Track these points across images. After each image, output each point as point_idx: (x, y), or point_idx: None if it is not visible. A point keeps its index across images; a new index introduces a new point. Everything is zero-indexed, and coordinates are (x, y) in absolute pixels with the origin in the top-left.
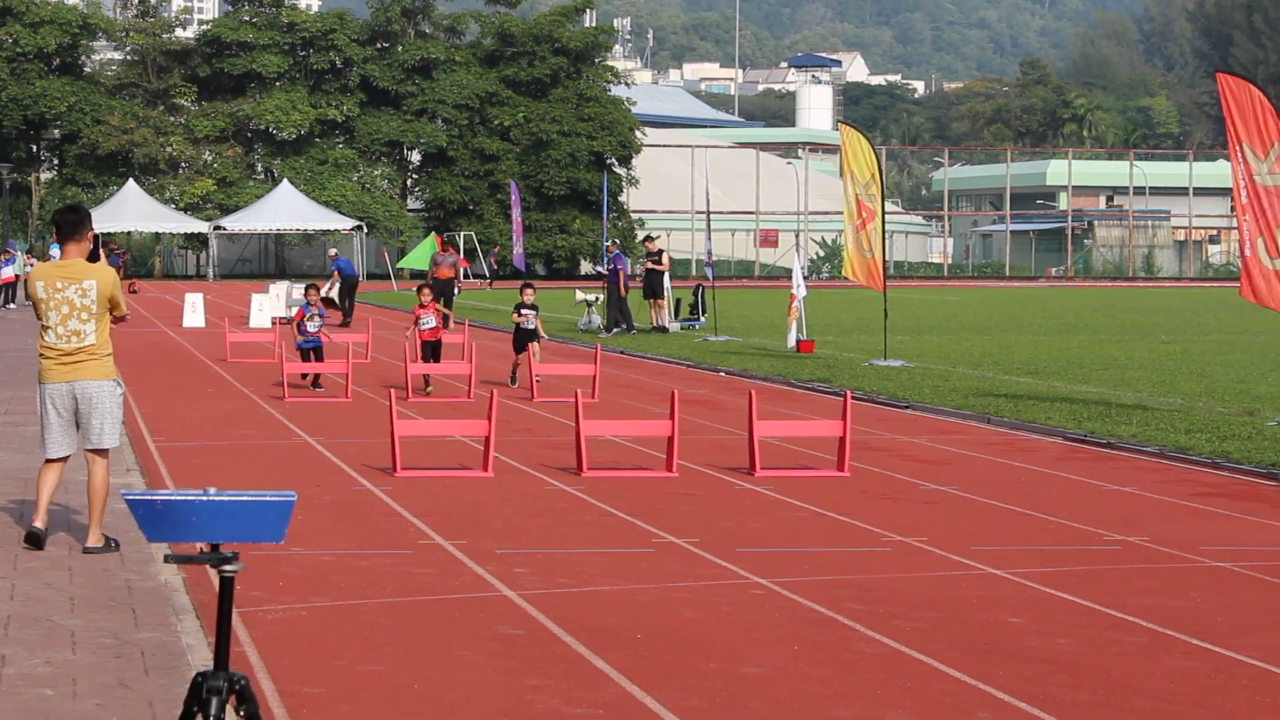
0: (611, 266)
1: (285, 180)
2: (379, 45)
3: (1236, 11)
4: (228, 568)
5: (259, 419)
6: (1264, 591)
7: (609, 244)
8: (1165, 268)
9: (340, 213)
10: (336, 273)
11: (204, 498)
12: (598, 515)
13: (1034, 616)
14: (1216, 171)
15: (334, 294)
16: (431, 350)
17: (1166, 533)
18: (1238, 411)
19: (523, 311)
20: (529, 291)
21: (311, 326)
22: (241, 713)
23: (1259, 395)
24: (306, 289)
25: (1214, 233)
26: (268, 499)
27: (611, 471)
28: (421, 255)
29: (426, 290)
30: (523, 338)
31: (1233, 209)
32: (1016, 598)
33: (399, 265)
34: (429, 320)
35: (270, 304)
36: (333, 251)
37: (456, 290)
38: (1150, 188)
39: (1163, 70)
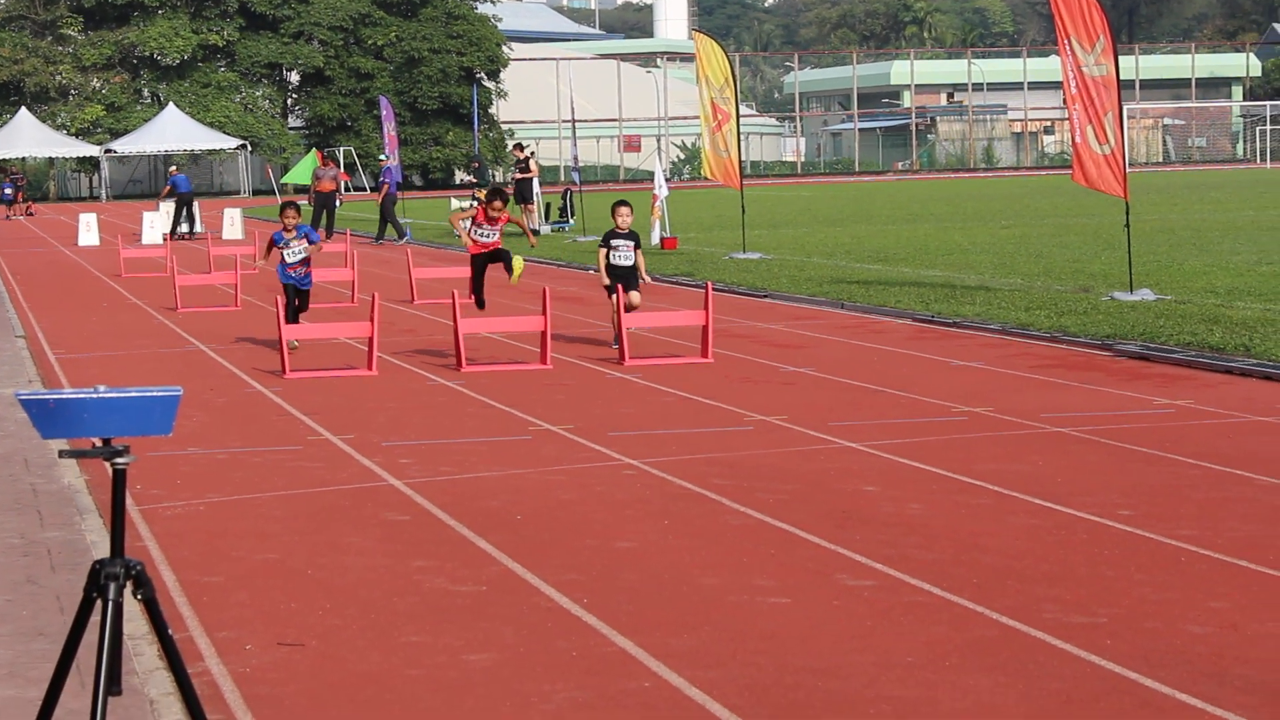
0: (382, 179)
1: (171, 104)
2: None
3: None
4: (120, 460)
5: (154, 330)
6: (1100, 453)
7: (382, 158)
8: (1004, 158)
9: (225, 133)
10: (170, 187)
11: (94, 395)
12: (478, 407)
13: (888, 484)
14: (1049, 66)
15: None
16: (484, 262)
17: (1009, 403)
18: (1073, 289)
19: (613, 241)
20: (624, 212)
21: (293, 255)
22: (139, 596)
23: (1093, 273)
24: (283, 208)
25: (1048, 124)
26: (154, 394)
27: (489, 366)
28: (304, 170)
29: (500, 201)
30: (619, 277)
31: (1064, 100)
32: (871, 468)
33: (282, 181)
34: (490, 232)
35: (161, 221)
36: (173, 169)
37: (339, 203)
38: (988, 84)
39: None
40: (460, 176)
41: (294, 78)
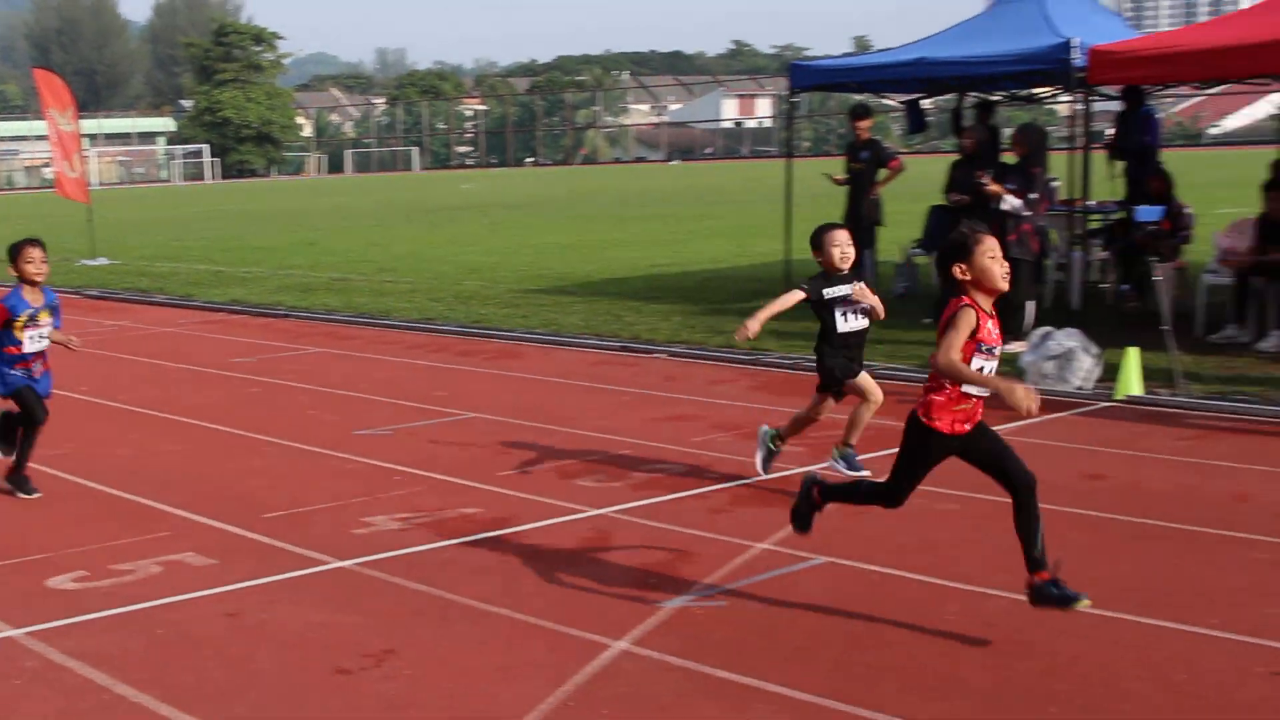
0: None
1: None
2: None
3: (52, 34)
4: None
5: None
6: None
7: None
8: (19, 182)
9: None
10: None
11: None
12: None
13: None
14: (39, 124)
15: None
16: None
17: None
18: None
19: (829, 291)
20: (841, 239)
21: (33, 341)
22: None
23: (72, 249)
24: (22, 247)
25: (47, 161)
26: None
27: None
28: None
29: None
30: (849, 355)
31: (51, 145)
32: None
33: None
34: (988, 362)
35: None
36: None
37: None
38: (11, 136)
39: (14, 68)
40: None
41: None
